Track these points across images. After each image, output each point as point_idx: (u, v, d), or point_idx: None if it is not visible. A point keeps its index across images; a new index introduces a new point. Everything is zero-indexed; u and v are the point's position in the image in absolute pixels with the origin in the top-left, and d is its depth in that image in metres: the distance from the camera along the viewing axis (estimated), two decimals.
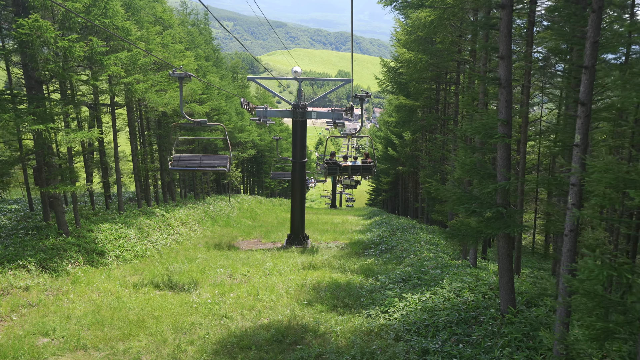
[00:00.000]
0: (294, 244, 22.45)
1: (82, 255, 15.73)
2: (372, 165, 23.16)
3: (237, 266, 17.22)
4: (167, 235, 21.45)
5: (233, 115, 34.93)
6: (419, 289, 12.71)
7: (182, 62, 23.15)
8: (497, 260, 9.76)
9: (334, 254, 20.29)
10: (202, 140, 29.81)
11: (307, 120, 21.73)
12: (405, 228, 26.25)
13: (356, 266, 17.60)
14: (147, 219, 21.80)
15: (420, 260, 17.39)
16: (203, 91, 27.65)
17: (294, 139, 21.87)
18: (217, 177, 39.62)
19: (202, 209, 28.99)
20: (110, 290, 13.59)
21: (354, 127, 24.75)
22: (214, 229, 26.85)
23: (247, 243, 23.60)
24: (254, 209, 38.69)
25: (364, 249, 21.96)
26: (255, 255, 19.62)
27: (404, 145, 39.73)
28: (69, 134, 13.74)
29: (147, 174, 24.47)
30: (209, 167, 17.89)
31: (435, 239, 22.17)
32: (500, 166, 9.23)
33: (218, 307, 12.45)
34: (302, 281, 15.19)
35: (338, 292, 13.85)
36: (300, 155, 21.90)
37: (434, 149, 27.48)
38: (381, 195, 71.50)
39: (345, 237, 25.51)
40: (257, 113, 21.67)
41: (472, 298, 10.73)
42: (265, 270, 16.66)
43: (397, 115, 32.13)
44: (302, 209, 22.67)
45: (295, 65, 22.97)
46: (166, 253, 19.32)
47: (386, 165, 50.08)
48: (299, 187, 22.35)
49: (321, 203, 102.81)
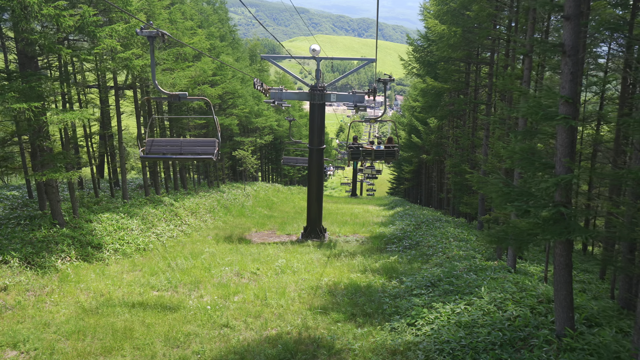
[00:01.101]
0: (310, 237, 20.83)
1: (76, 248, 14.30)
2: (396, 150, 21.34)
3: (246, 262, 15.66)
4: (173, 226, 19.98)
5: (249, 99, 33.27)
6: (451, 297, 10.96)
7: (192, 41, 21.52)
8: (554, 270, 7.96)
9: (353, 250, 18.60)
10: (213, 123, 27.78)
11: (325, 104, 19.97)
12: (431, 221, 24.41)
13: (378, 264, 15.89)
14: (154, 208, 20.36)
15: (449, 260, 15.60)
16: (215, 72, 26.03)
17: (311, 124, 20.14)
18: (232, 163, 38.07)
19: (215, 198, 27.50)
20: (102, 290, 12.12)
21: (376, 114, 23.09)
22: (227, 219, 25.35)
23: (260, 235, 22.04)
24: (270, 197, 37.14)
25: (386, 244, 20.22)
26: (267, 249, 18.04)
27: (428, 132, 37.69)
28: (58, 114, 12.21)
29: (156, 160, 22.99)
30: (191, 154, 13.85)
31: (464, 234, 20.31)
32: (562, 155, 7.39)
33: (219, 313, 10.88)
34: (316, 282, 13.55)
35: (357, 297, 12.17)
36: (317, 142, 20.17)
37: (462, 136, 25.51)
38: (403, 184, 69.45)
39: (365, 229, 23.79)
40: (272, 95, 19.97)
41: (517, 313, 8.94)
42: (277, 268, 15.05)
43: (422, 100, 30.12)
44: (320, 200, 20.99)
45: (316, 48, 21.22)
46: (171, 246, 17.84)
47: (409, 153, 48.04)
48: (316, 176, 20.66)
49: (341, 191, 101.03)
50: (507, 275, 11.83)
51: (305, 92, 19.99)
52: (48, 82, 12.89)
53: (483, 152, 21.15)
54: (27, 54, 13.39)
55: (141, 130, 21.68)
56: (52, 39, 12.08)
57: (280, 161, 59.87)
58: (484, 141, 21.03)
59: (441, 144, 36.38)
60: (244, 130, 40.49)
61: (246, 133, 40.29)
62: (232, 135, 37.00)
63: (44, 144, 14.02)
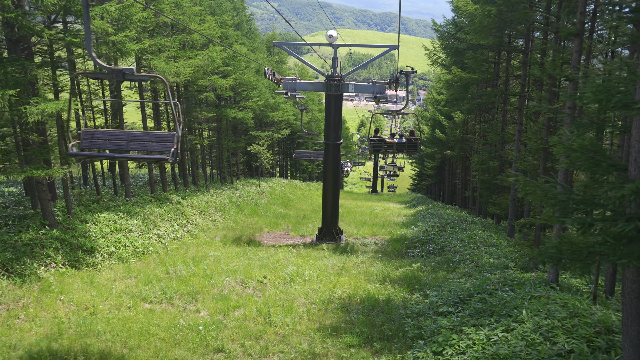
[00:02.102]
0: (325, 239, 19.30)
1: (64, 253, 12.98)
2: (418, 143, 19.70)
3: (252, 269, 14.19)
4: (178, 226, 18.61)
5: (264, 92, 31.76)
6: (485, 318, 9.30)
7: (201, 28, 20.07)
8: (622, 299, 6.28)
9: (371, 255, 17.02)
10: (222, 114, 25.74)
11: (342, 95, 18.38)
12: (456, 222, 22.68)
13: (398, 273, 14.28)
14: (158, 206, 19.02)
15: (478, 269, 13.94)
16: (227, 62, 24.57)
17: (327, 117, 18.56)
18: (248, 159, 36.66)
19: (227, 195, 26.11)
20: (85, 303, 10.75)
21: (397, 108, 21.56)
22: (238, 218, 23.93)
23: (272, 236, 20.57)
24: (287, 194, 35.68)
25: (407, 247, 18.60)
26: (277, 254, 16.56)
27: (453, 127, 35.78)
28: (38, 104, 10.85)
29: None
30: (140, 151, 9.48)
31: (493, 237, 18.57)
32: (638, 154, 5.71)
33: (215, 333, 9.41)
34: (329, 294, 12.01)
35: (374, 314, 10.60)
36: (334, 136, 18.59)
37: (491, 131, 23.66)
38: (425, 180, 67.41)
39: (385, 231, 22.16)
40: (285, 85, 18.44)
41: (570, 347, 7.27)
42: (286, 277, 13.55)
43: (447, 93, 28.25)
44: (336, 199, 19.43)
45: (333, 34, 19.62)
46: (173, 249, 16.47)
47: (433, 149, 46.09)
48: (332, 173, 19.10)
49: (362, 187, 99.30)
50: (550, 292, 10.10)
51: (320, 82, 18.41)
52: (30, 67, 11.52)
53: (515, 148, 19.33)
54: (11, 38, 12.10)
55: (147, 124, 20.33)
56: (30, 19, 10.69)
57: (292, 155, 57.92)
58: (516, 136, 19.21)
59: (466, 139, 34.46)
60: (260, 125, 39.07)
61: (262, 127, 38.88)
62: (247, 129, 35.59)
63: (29, 137, 12.69)
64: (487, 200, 24.39)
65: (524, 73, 18.65)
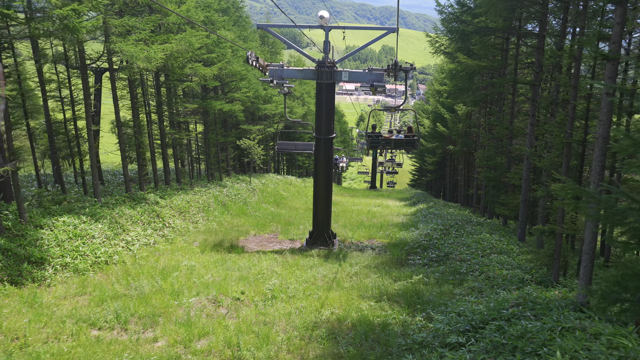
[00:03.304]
0: (316, 244, 17.41)
1: (5, 266, 11.06)
2: (416, 139, 18.28)
3: (229, 283, 12.31)
4: (152, 230, 16.68)
5: (255, 82, 29.69)
6: (505, 356, 7.42)
7: (179, 10, 18.09)
8: None
9: (367, 263, 15.13)
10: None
11: (335, 83, 16.45)
12: (460, 224, 20.79)
13: (397, 287, 12.39)
14: (131, 208, 17.09)
15: (490, 283, 12.06)
16: (211, 49, 22.56)
17: (318, 108, 16.64)
18: (239, 154, 34.64)
19: (213, 194, 24.14)
20: (17, 332, 8.83)
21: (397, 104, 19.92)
22: (223, 219, 21.99)
23: (258, 240, 18.68)
24: (280, 192, 33.74)
25: (407, 254, 16.72)
26: (261, 262, 14.68)
27: (455, 120, 33.81)
28: None
29: (140, 149, 19.70)
30: None
31: (502, 242, 16.70)
32: None
33: None
34: (315, 315, 10.14)
35: (368, 345, 8.71)
36: (326, 130, 16.67)
37: (499, 124, 21.72)
38: (425, 176, 65.48)
39: (383, 234, 20.26)
40: (271, 72, 16.49)
41: None
42: (267, 292, 11.67)
43: (451, 84, 26.25)
44: (328, 200, 17.53)
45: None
46: (143, 257, 14.55)
47: (434, 143, 44.12)
48: (323, 171, 17.19)
49: (360, 182, 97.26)
50: (585, 322, 8.19)
51: (310, 69, 16.46)
52: None
53: (527, 143, 17.43)
54: None
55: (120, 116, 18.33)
56: None
57: (274, 147, 54.72)
58: (529, 130, 17.31)
59: (470, 133, 32.52)
60: (251, 118, 37.07)
61: (254, 121, 36.89)
62: (238, 122, 33.60)
63: None
64: (494, 200, 22.50)
65: (538, 59, 16.70)
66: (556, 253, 11.89)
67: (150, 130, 21.33)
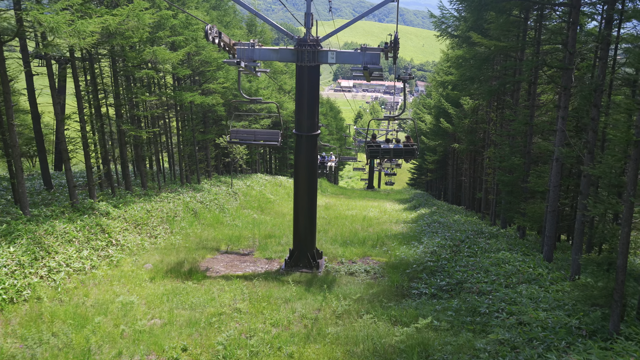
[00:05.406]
0: (297, 266, 14.15)
1: None
2: (415, 149, 15.48)
3: (170, 332, 9.04)
4: (92, 250, 13.32)
5: (234, 72, 26.27)
6: None
7: None
8: None
9: (359, 294, 11.83)
10: None
11: (320, 66, 13.15)
12: (472, 237, 17.54)
13: (399, 337, 9.10)
14: (69, 221, 13.74)
15: (525, 334, 8.76)
16: (179, 32, 19.21)
17: (298, 97, 13.33)
18: (219, 153, 31.15)
19: (183, 200, 20.74)
20: None
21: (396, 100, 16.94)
22: (191, 230, 18.61)
23: (228, 260, 15.37)
24: (266, 195, 30.35)
25: (410, 279, 13.44)
26: (223, 295, 11.40)
27: (461, 115, 30.48)
28: None
29: (88, 149, 16.35)
30: None
31: (527, 264, 13.47)
32: None
33: None
34: None
35: None
36: (308, 125, 13.38)
37: (515, 119, 18.42)
38: (425, 175, 62.22)
39: (380, 250, 16.98)
40: (239, 53, 13.16)
41: None
42: (219, 348, 8.41)
43: (458, 73, 22.90)
44: (312, 212, 14.26)
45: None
46: (67, 290, 11.20)
47: (436, 141, 40.77)
48: (305, 177, 13.91)
49: (358, 180, 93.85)
50: None
51: (289, 48, 13.12)
52: None
53: (557, 140, 14.16)
54: None
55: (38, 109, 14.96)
56: None
57: (288, 152, 50.48)
58: (559, 125, 14.03)
59: (477, 130, 29.21)
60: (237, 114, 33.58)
61: (238, 116, 33.48)
62: (220, 118, 30.21)
63: None
64: (510, 207, 19.20)
65: (572, 37, 13.40)
66: (616, 293, 8.61)
67: (101, 126, 17.94)
